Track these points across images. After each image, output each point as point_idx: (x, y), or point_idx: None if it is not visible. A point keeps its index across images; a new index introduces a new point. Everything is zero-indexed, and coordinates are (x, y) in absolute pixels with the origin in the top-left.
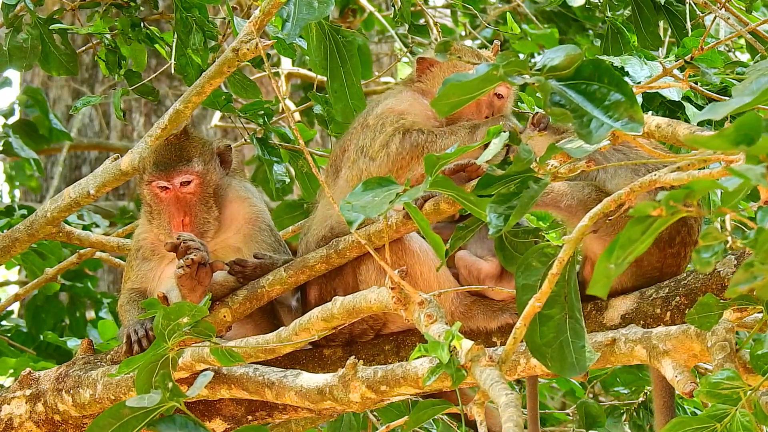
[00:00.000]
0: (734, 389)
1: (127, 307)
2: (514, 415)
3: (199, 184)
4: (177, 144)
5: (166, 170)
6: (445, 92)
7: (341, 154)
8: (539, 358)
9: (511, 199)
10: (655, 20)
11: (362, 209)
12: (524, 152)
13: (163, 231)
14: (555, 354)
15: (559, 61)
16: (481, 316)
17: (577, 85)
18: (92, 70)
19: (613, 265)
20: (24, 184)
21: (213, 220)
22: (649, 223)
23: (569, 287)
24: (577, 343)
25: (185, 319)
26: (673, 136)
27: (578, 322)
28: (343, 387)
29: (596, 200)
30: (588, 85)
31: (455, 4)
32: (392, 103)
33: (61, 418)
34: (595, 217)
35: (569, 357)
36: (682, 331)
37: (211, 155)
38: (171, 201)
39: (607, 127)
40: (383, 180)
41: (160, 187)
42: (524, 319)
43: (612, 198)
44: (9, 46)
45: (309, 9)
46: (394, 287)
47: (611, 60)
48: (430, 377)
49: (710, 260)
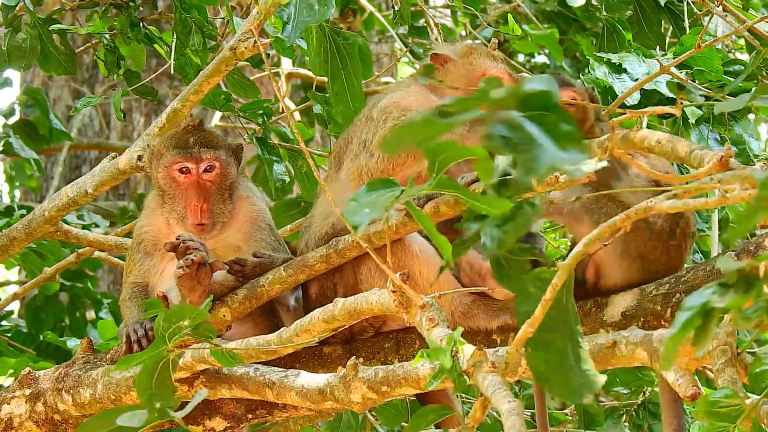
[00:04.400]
0: (733, 407)
1: (128, 303)
2: (517, 423)
3: (220, 173)
4: (198, 132)
5: (191, 153)
6: (394, 136)
7: (345, 146)
8: (545, 385)
9: (506, 223)
10: (658, 19)
11: (366, 209)
12: (523, 178)
13: (175, 216)
14: (560, 381)
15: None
16: (482, 316)
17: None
18: (92, 70)
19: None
20: (24, 184)
21: (227, 213)
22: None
23: (567, 314)
24: (582, 368)
25: (186, 322)
26: (673, 153)
27: (579, 345)
28: (344, 387)
29: (595, 201)
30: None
31: (455, 4)
32: (398, 97)
33: (61, 418)
34: (591, 242)
35: (575, 381)
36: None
37: (229, 149)
38: (190, 186)
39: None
40: (386, 182)
41: (182, 169)
42: (516, 344)
43: (608, 224)
44: (8, 46)
45: (309, 12)
46: (395, 290)
47: (609, 57)
48: (432, 382)
49: (752, 317)
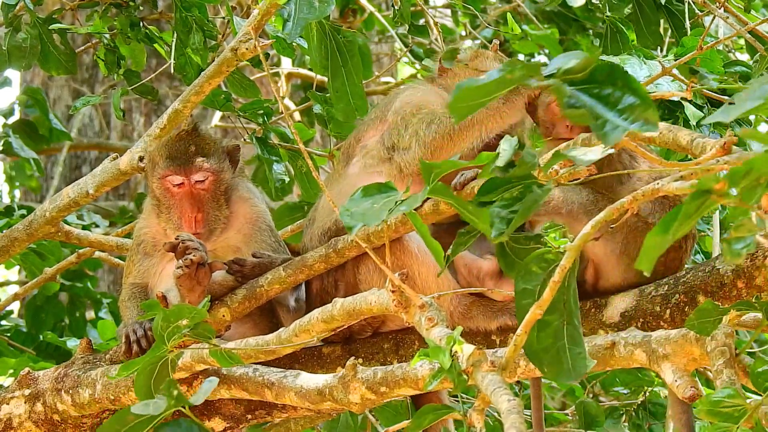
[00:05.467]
0: (735, 407)
1: (127, 303)
2: (517, 422)
3: (213, 181)
4: (191, 139)
5: (183, 165)
6: (460, 96)
7: (355, 144)
8: (536, 363)
9: (514, 204)
10: (656, 19)
11: (361, 216)
12: (528, 156)
13: (171, 226)
14: (552, 360)
15: (573, 65)
16: (481, 317)
17: (590, 89)
18: (92, 70)
19: (670, 237)
20: (24, 184)
21: (223, 219)
22: (704, 200)
23: (569, 294)
24: (575, 350)
25: (185, 322)
26: (674, 142)
27: (576, 328)
28: (342, 388)
29: (594, 202)
30: (601, 88)
31: (455, 4)
32: (409, 96)
33: (60, 418)
34: (598, 225)
35: (566, 363)
36: (681, 335)
37: (223, 154)
38: (184, 196)
39: (622, 129)
40: (382, 186)
41: (175, 181)
42: (525, 326)
43: (615, 206)
44: (8, 45)
45: (310, 8)
46: (394, 290)
47: (610, 59)
48: (431, 382)
49: (741, 252)
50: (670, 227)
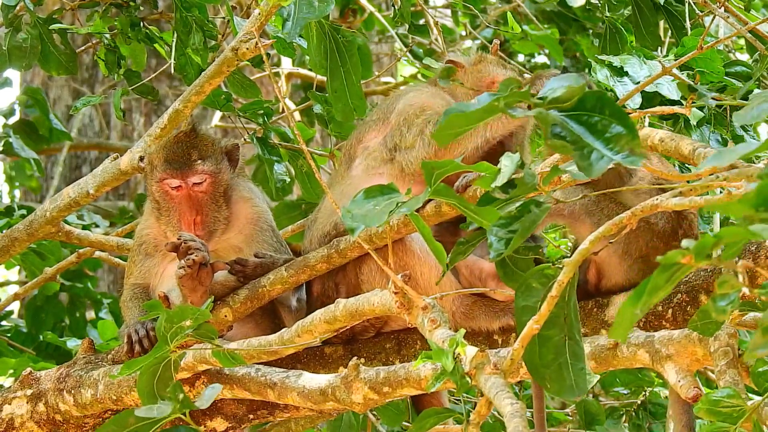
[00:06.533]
0: (734, 407)
1: (129, 304)
2: (520, 425)
3: (211, 183)
4: (188, 141)
5: (180, 168)
6: (447, 123)
7: (357, 144)
8: (538, 379)
9: (513, 223)
10: (655, 20)
11: (363, 218)
12: (528, 177)
13: (170, 228)
14: (554, 376)
15: (561, 93)
16: (483, 317)
17: (578, 116)
18: (92, 70)
19: (639, 311)
20: (24, 184)
21: (223, 220)
22: (674, 271)
23: (569, 308)
24: (576, 365)
25: (188, 322)
26: (676, 151)
27: (578, 343)
28: (345, 388)
29: (595, 203)
30: (590, 116)
31: (455, 4)
32: (413, 98)
33: (62, 418)
34: (596, 240)
35: (568, 379)
36: (684, 335)
37: (221, 154)
38: (182, 199)
39: (607, 160)
40: (384, 188)
41: (173, 184)
42: (522, 341)
43: (614, 221)
44: (8, 45)
45: (309, 8)
46: (397, 291)
47: (610, 60)
48: (434, 383)
49: (726, 309)
50: (640, 300)
